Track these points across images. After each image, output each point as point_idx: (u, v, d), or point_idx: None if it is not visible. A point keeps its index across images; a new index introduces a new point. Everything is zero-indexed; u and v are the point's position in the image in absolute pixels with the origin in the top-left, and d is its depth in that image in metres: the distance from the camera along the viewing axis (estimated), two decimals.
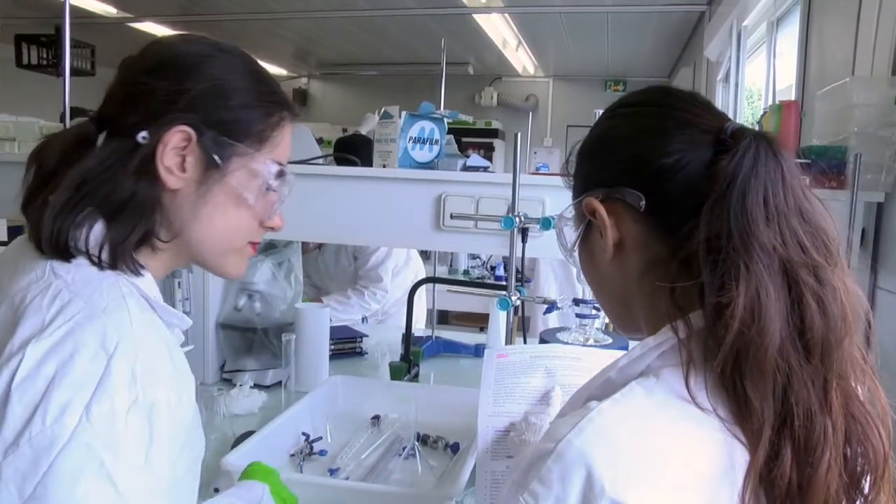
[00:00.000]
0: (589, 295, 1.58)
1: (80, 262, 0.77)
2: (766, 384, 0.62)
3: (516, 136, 1.54)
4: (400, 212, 1.84)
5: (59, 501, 0.64)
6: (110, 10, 5.36)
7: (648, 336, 0.71)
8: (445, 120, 1.92)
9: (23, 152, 2.25)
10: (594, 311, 1.47)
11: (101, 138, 0.82)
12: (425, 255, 3.65)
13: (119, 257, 0.79)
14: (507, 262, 1.64)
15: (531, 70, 7.53)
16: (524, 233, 1.60)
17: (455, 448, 1.64)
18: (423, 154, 1.86)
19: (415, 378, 2.11)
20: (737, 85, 3.56)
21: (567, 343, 1.45)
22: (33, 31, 4.97)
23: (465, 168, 1.90)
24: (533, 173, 2.34)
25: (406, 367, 2.07)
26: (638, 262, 0.74)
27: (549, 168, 5.59)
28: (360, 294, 2.95)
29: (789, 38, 2.95)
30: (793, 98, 2.65)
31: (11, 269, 0.79)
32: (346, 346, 2.43)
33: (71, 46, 1.76)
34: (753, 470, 0.61)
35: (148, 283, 0.81)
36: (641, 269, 0.74)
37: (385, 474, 1.51)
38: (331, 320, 2.55)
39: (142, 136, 0.79)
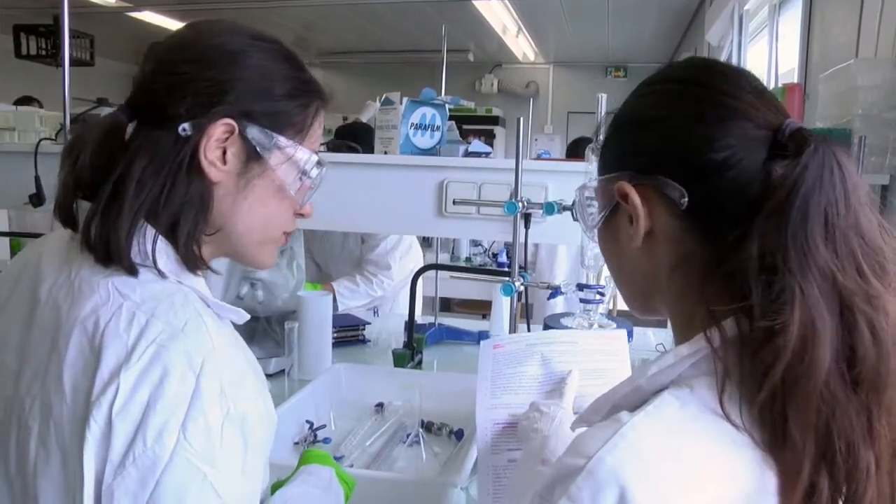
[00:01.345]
0: (601, 278, 1.58)
1: (144, 277, 0.76)
2: (810, 417, 0.58)
3: (518, 120, 1.53)
4: (402, 198, 1.83)
5: None
6: (109, 0, 5.34)
7: (674, 332, 0.69)
8: (447, 106, 1.91)
9: (23, 142, 2.24)
10: (598, 297, 1.46)
11: (130, 127, 0.81)
12: (427, 242, 3.65)
13: (190, 262, 0.79)
14: (509, 247, 1.63)
15: (531, 57, 7.50)
16: (527, 218, 1.60)
17: (459, 435, 1.64)
18: (424, 140, 1.85)
19: (418, 365, 2.11)
20: None
21: (572, 328, 1.45)
22: (32, 21, 4.94)
23: (467, 154, 1.89)
24: (535, 160, 2.33)
25: (409, 354, 2.07)
26: (668, 255, 0.69)
27: (550, 154, 5.57)
28: (368, 281, 2.95)
29: (791, 22, 2.93)
30: (795, 81, 2.64)
31: (59, 277, 0.78)
32: (349, 333, 2.43)
33: (70, 37, 1.75)
34: (791, 497, 0.58)
35: (202, 283, 0.82)
36: (671, 264, 0.69)
37: (389, 461, 1.52)
38: (337, 306, 2.55)
39: (184, 128, 0.78)
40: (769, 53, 3.03)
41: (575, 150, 3.54)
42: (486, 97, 7.59)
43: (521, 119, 1.54)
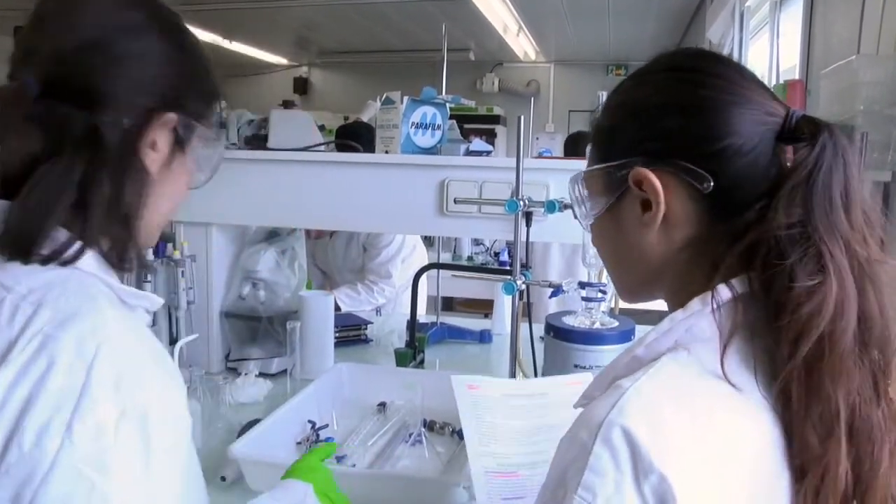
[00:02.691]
0: (602, 276, 1.58)
1: (34, 268, 0.68)
2: (843, 373, 0.61)
3: (519, 119, 1.53)
4: (403, 197, 1.83)
5: None
6: None
7: (669, 310, 0.70)
8: (447, 105, 1.91)
9: None
10: (600, 295, 1.46)
11: (40, 100, 0.72)
12: (428, 241, 3.64)
13: (121, 254, 0.74)
14: (511, 246, 1.63)
15: (532, 55, 7.49)
16: (528, 217, 1.59)
17: (462, 434, 1.64)
18: (425, 139, 1.85)
19: (420, 364, 2.11)
20: None
21: (574, 326, 1.45)
22: None
23: (468, 153, 1.89)
24: (536, 158, 2.33)
25: (411, 353, 2.06)
26: (678, 238, 0.71)
27: (551, 153, 5.57)
28: (369, 289, 2.97)
29: (792, 18, 2.92)
30: (797, 78, 2.63)
31: None
32: (351, 333, 2.43)
33: None
34: (825, 473, 0.60)
35: (105, 270, 0.74)
36: (680, 246, 0.71)
37: (392, 460, 1.51)
38: (339, 306, 2.55)
39: (120, 118, 0.73)
40: (770, 50, 3.03)
41: (573, 147, 3.52)
42: (486, 96, 7.58)
43: (522, 118, 1.53)
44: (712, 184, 0.67)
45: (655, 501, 0.56)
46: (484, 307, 4.05)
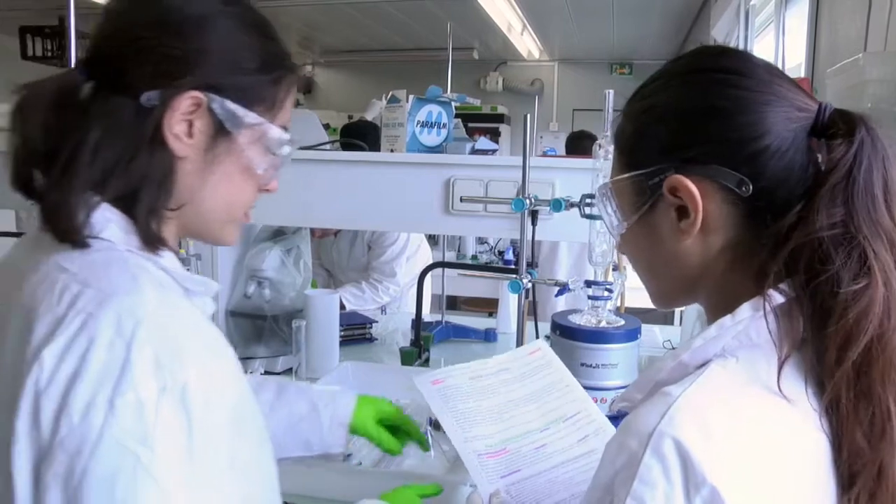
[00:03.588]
0: (608, 275, 1.58)
1: (86, 250, 0.71)
2: (893, 379, 0.60)
3: (525, 117, 1.52)
4: (409, 196, 1.83)
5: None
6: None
7: (709, 316, 0.69)
8: (453, 104, 1.90)
9: None
10: (606, 293, 1.46)
11: (86, 88, 0.75)
12: (433, 240, 3.65)
13: (149, 239, 0.75)
14: (516, 245, 1.63)
15: (536, 54, 7.48)
16: (534, 215, 1.59)
17: None
18: (431, 138, 1.85)
19: (425, 363, 2.11)
20: None
21: (581, 325, 1.44)
22: (37, 22, 4.95)
23: (474, 151, 1.89)
24: (541, 157, 2.33)
25: (416, 352, 2.06)
26: (716, 244, 0.69)
27: (556, 152, 5.56)
28: (374, 288, 2.97)
29: (798, 15, 2.91)
30: (802, 76, 2.62)
31: (15, 274, 0.74)
32: (356, 332, 2.43)
33: (76, 37, 1.75)
34: (872, 469, 0.59)
35: (167, 255, 0.77)
36: (718, 251, 0.69)
37: (398, 460, 1.51)
38: (344, 305, 2.55)
39: (148, 97, 0.73)
40: (776, 48, 3.02)
41: (574, 146, 3.52)
42: (491, 95, 7.58)
43: (528, 116, 1.53)
44: (751, 187, 0.65)
45: None
46: (488, 306, 4.05)
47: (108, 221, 0.72)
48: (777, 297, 0.63)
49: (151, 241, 0.75)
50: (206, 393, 0.66)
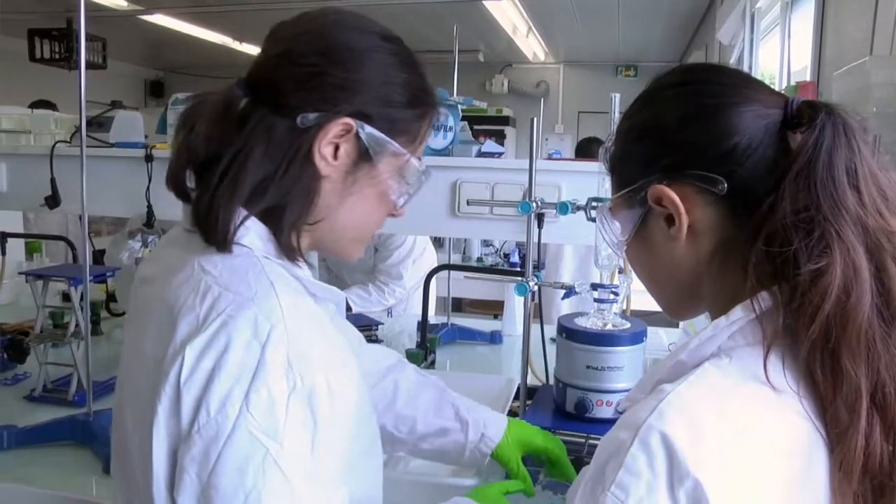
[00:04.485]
0: (614, 278, 1.58)
1: (227, 255, 0.77)
2: (862, 352, 0.61)
3: (532, 120, 1.53)
4: (415, 198, 1.82)
5: (231, 489, 0.68)
6: (121, 3, 5.37)
7: (712, 318, 0.70)
8: (459, 106, 1.91)
9: (38, 145, 2.26)
10: (612, 296, 1.46)
11: (244, 103, 0.82)
12: (438, 243, 3.65)
13: (288, 251, 0.81)
14: (521, 247, 1.63)
15: (541, 56, 7.50)
16: (540, 218, 1.59)
17: None
18: (437, 141, 1.85)
19: (431, 365, 2.12)
20: (750, 68, 3.52)
21: (587, 328, 1.45)
22: (45, 25, 4.98)
23: (480, 154, 1.89)
24: (546, 160, 2.33)
25: (423, 354, 2.07)
26: (708, 244, 0.71)
27: (561, 154, 5.57)
28: (380, 290, 2.97)
29: (804, 19, 2.92)
30: (808, 79, 2.62)
31: (162, 263, 0.82)
32: (363, 333, 2.42)
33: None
34: (849, 446, 0.60)
35: (300, 264, 0.83)
36: (711, 252, 0.72)
37: (403, 462, 1.52)
38: (350, 309, 2.55)
39: (304, 119, 0.79)
40: (781, 51, 3.02)
41: (584, 151, 3.53)
42: (496, 97, 7.60)
43: (535, 119, 1.54)
44: (725, 185, 0.68)
45: None
46: (493, 308, 4.05)
47: (247, 229, 0.79)
48: (768, 298, 0.65)
49: (290, 253, 0.81)
50: (331, 398, 0.73)
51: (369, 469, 0.84)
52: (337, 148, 0.81)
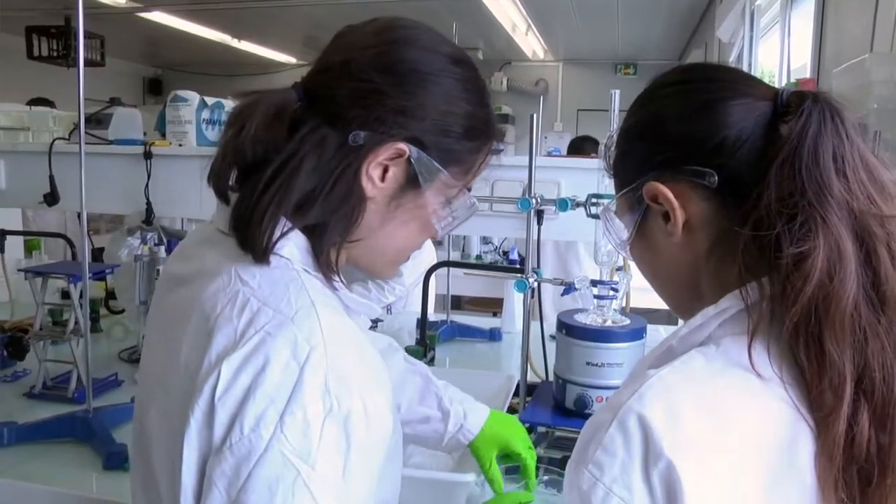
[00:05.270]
0: (613, 275, 1.58)
1: (266, 265, 0.75)
2: (846, 337, 0.61)
3: (532, 117, 1.53)
4: None
5: None
6: (119, 0, 5.36)
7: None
8: None
9: (37, 142, 2.26)
10: (612, 293, 1.46)
11: (297, 109, 0.78)
12: (437, 241, 3.64)
13: (325, 266, 0.78)
14: (521, 245, 1.63)
15: (541, 54, 7.50)
16: (539, 215, 1.59)
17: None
18: None
19: (431, 362, 2.12)
20: (750, 65, 3.53)
21: (587, 324, 1.45)
22: (43, 22, 4.97)
23: None
24: (546, 157, 2.33)
25: (422, 350, 2.07)
26: (705, 239, 0.72)
27: (560, 152, 5.56)
28: (380, 288, 2.97)
29: (804, 16, 2.92)
30: (808, 76, 2.62)
31: (196, 264, 0.79)
32: None
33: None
34: (833, 431, 0.60)
35: (336, 279, 0.80)
36: (708, 246, 0.72)
37: (404, 458, 1.51)
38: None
39: (356, 137, 0.76)
40: (781, 48, 3.02)
41: (577, 149, 3.51)
42: (495, 95, 7.58)
43: (534, 115, 1.54)
44: (716, 178, 0.69)
45: (662, 487, 0.58)
46: (492, 306, 4.05)
47: (288, 240, 0.76)
48: (756, 289, 0.65)
49: (328, 270, 0.78)
50: (367, 423, 0.71)
51: (392, 477, 0.83)
52: (385, 170, 0.78)
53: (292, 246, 0.76)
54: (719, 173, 0.68)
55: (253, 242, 0.74)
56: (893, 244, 0.64)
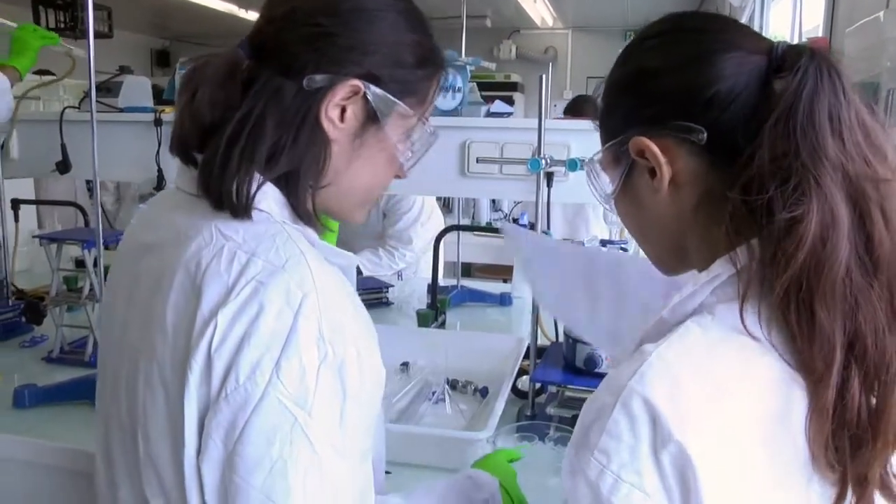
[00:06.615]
0: (623, 233, 1.59)
1: (247, 220, 0.75)
2: (836, 303, 0.60)
3: (541, 78, 1.53)
4: (425, 159, 1.81)
5: (257, 458, 0.66)
6: None
7: (698, 266, 0.70)
8: (468, 67, 1.90)
9: (48, 111, 2.27)
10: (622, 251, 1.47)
11: (247, 66, 0.79)
12: (447, 207, 3.65)
13: (302, 213, 0.79)
14: (530, 210, 1.63)
15: (549, 22, 7.41)
16: (549, 177, 1.59)
17: (484, 392, 1.67)
18: (446, 102, 1.84)
19: (441, 326, 2.14)
20: (761, 28, 3.48)
21: None
22: None
23: (489, 115, 1.89)
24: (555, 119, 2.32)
25: (433, 314, 2.09)
26: (691, 196, 0.70)
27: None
28: (390, 254, 2.99)
29: None
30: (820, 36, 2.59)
31: (166, 230, 0.79)
32: (373, 296, 2.46)
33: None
34: (823, 396, 0.59)
35: (310, 230, 0.81)
36: (695, 203, 0.70)
37: (416, 418, 1.54)
38: (360, 273, 2.57)
39: (310, 81, 0.77)
40: (793, 11, 2.98)
41: (575, 109, 3.46)
42: (504, 63, 7.51)
43: (543, 76, 1.53)
44: (705, 135, 0.67)
45: (674, 469, 0.58)
46: (503, 272, 4.05)
47: (265, 194, 0.76)
48: (746, 253, 0.64)
49: (307, 218, 0.80)
50: (360, 369, 0.72)
51: (379, 430, 0.84)
52: (343, 110, 0.79)
53: (270, 200, 0.77)
54: (709, 129, 0.67)
55: (230, 199, 0.74)
56: (888, 207, 0.62)
